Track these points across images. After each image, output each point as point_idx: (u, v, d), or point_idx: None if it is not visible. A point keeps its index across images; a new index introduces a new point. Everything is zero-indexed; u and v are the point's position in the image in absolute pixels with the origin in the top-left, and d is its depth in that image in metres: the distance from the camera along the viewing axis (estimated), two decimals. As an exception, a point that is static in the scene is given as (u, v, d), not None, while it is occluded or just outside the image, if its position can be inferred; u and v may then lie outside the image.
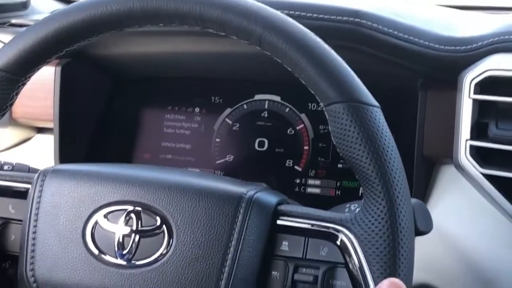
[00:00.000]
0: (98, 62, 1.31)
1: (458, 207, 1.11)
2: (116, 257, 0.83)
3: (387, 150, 0.75)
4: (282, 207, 0.84)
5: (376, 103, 0.77)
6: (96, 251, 0.84)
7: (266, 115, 1.27)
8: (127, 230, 0.83)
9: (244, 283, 0.80)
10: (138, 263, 0.82)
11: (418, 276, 0.90)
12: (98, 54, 1.29)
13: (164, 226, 0.82)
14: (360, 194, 1.19)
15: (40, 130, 1.39)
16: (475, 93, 1.04)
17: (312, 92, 0.78)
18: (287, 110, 1.26)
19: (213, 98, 1.30)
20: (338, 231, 0.79)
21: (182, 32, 1.18)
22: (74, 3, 0.84)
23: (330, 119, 0.77)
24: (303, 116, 1.25)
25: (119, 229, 0.84)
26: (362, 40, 1.09)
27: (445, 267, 1.09)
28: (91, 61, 1.31)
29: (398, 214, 0.75)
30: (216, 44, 1.19)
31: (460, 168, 1.07)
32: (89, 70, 1.32)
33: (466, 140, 1.04)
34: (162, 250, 0.82)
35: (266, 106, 1.27)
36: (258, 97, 1.28)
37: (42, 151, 1.36)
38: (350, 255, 0.78)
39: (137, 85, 1.35)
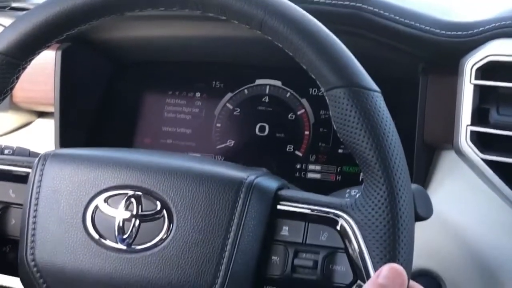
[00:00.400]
0: (99, 46, 1.31)
1: (458, 193, 1.11)
2: (116, 242, 0.83)
3: (387, 135, 0.75)
4: (283, 192, 0.83)
5: (376, 88, 0.77)
6: (96, 236, 0.84)
7: (267, 100, 1.27)
8: (127, 214, 0.83)
9: (244, 268, 0.80)
10: (138, 247, 0.82)
11: (417, 262, 0.90)
12: (99, 38, 1.28)
13: (164, 211, 0.82)
14: (360, 180, 1.19)
15: (41, 114, 1.39)
16: (476, 78, 1.03)
17: (313, 77, 0.78)
18: (288, 95, 1.26)
19: (213, 82, 1.30)
20: (338, 216, 0.79)
21: (183, 16, 1.18)
22: (75, -13, 0.83)
23: (331, 104, 0.76)
24: (304, 101, 1.25)
25: (119, 213, 0.84)
26: (363, 24, 1.09)
27: (445, 252, 1.09)
28: (92, 45, 1.30)
29: (398, 199, 0.74)
30: (217, 29, 1.19)
31: (460, 153, 1.07)
32: (89, 54, 1.32)
33: (467, 125, 1.04)
34: (162, 234, 0.82)
35: (267, 91, 1.27)
36: (259, 82, 1.28)
37: (42, 136, 1.36)
38: (350, 240, 0.78)
39: (138, 69, 1.35)
